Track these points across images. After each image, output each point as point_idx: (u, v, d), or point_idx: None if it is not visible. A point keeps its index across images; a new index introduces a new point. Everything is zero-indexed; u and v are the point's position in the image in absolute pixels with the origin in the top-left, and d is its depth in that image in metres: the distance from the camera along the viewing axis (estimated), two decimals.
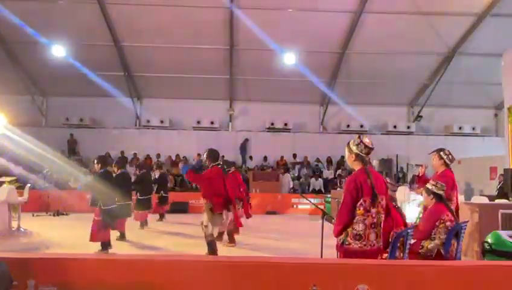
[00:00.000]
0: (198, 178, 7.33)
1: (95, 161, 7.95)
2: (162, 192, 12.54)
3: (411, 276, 3.28)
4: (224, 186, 7.16)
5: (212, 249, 6.95)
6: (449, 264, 3.78)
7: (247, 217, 9.68)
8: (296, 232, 10.87)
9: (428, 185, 5.15)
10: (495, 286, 3.26)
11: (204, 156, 7.42)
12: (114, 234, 8.89)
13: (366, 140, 3.84)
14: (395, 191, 5.10)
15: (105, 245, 7.60)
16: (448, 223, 4.87)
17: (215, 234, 7.26)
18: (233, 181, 8.91)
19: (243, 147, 18.91)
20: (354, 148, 3.83)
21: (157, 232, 10.61)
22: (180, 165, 8.23)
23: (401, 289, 3.22)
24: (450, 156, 6.06)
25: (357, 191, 3.66)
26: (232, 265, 3.41)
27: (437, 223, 4.87)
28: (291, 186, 17.56)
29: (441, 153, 6.08)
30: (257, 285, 3.21)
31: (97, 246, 7.54)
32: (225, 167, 8.70)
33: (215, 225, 7.02)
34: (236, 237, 9.47)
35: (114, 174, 9.39)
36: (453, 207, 5.69)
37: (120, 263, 3.41)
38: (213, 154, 7.35)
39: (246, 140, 18.96)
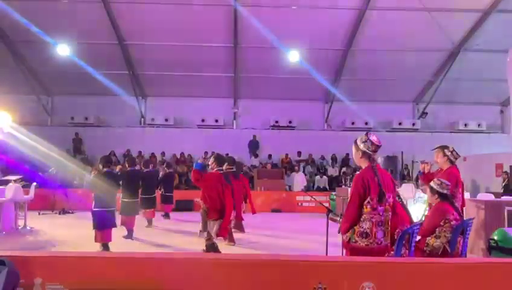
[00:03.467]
0: (199, 179, 6.90)
1: (99, 161, 7.97)
2: (164, 191, 12.61)
3: (417, 273, 3.28)
4: (221, 195, 6.84)
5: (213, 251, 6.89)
6: (455, 262, 3.77)
7: (253, 213, 10.14)
8: (301, 230, 10.87)
9: (433, 184, 5.10)
10: (501, 282, 3.24)
11: (211, 160, 7.35)
12: (120, 232, 8.95)
13: (374, 138, 3.82)
14: (399, 186, 5.08)
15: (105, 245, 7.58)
16: (453, 222, 4.85)
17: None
18: (240, 187, 9.03)
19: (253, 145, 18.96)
20: (361, 145, 3.82)
21: (163, 230, 10.64)
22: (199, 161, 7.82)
23: (406, 287, 3.21)
24: (454, 152, 6.03)
25: (365, 189, 3.66)
26: (237, 263, 3.41)
27: (442, 223, 4.85)
28: (306, 184, 17.40)
29: (445, 150, 6.05)
30: (262, 283, 3.22)
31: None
32: (233, 172, 8.54)
33: (209, 229, 6.88)
34: (241, 235, 9.52)
35: (123, 172, 9.46)
36: (458, 204, 5.67)
37: (127, 261, 3.42)
38: (219, 159, 7.29)
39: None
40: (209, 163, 7.40)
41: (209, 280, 3.24)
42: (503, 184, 12.85)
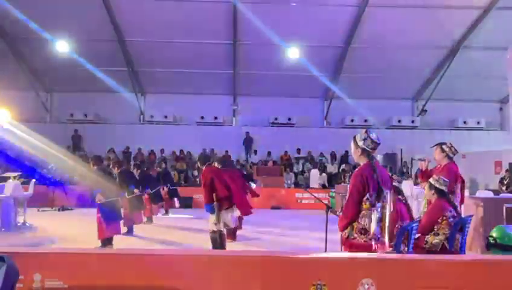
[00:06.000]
0: (208, 185, 6.95)
1: (91, 161, 7.95)
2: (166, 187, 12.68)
3: (416, 270, 3.28)
4: (224, 182, 6.99)
5: (216, 245, 6.97)
6: (454, 258, 3.77)
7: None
8: (300, 227, 10.88)
9: (431, 180, 5.12)
10: (499, 279, 3.25)
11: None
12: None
13: (373, 135, 3.82)
14: (400, 183, 5.10)
15: (106, 242, 7.56)
16: (450, 219, 4.86)
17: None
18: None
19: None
20: (360, 143, 3.81)
21: (162, 227, 10.66)
22: None
23: (405, 283, 3.22)
24: (452, 149, 6.04)
25: (363, 185, 3.66)
26: (237, 259, 3.42)
27: (439, 220, 4.86)
28: (320, 181, 17.32)
29: (443, 146, 6.06)
30: (262, 279, 3.22)
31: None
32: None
33: (226, 221, 7.01)
34: (241, 232, 9.52)
35: (117, 171, 9.46)
36: (457, 200, 5.67)
37: (126, 257, 3.42)
38: (202, 158, 7.44)
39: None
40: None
41: (208, 277, 3.24)
42: (506, 182, 12.74)
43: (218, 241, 6.96)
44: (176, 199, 13.65)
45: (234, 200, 7.08)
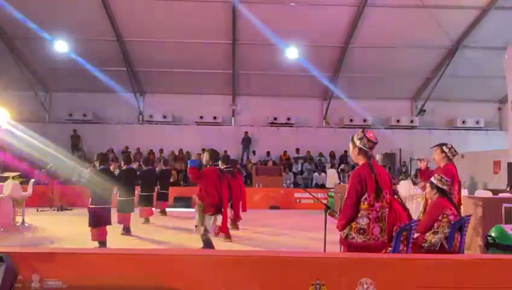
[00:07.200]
0: (198, 175, 7.05)
1: (95, 158, 7.93)
2: (159, 188, 12.48)
3: (414, 269, 3.29)
4: (219, 189, 6.99)
5: (208, 246, 6.98)
6: (452, 258, 3.78)
7: (243, 211, 10.14)
8: (299, 227, 10.88)
9: (433, 179, 5.15)
10: (498, 279, 3.25)
11: (205, 155, 7.41)
12: (118, 229, 8.98)
13: (370, 134, 3.84)
14: (395, 184, 5.12)
15: (103, 242, 7.52)
16: (451, 217, 4.88)
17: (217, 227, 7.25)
18: (235, 182, 9.22)
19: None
20: (357, 142, 3.83)
21: (161, 227, 10.64)
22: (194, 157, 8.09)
23: (404, 283, 3.22)
24: (452, 150, 6.05)
25: (362, 185, 3.66)
26: (236, 259, 3.42)
27: (440, 218, 4.88)
28: (338, 181, 17.22)
29: (443, 147, 6.08)
30: (261, 279, 3.22)
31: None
32: (230, 171, 8.37)
33: (206, 224, 6.99)
34: (240, 232, 9.55)
35: (120, 170, 9.44)
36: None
37: (125, 257, 3.42)
38: (213, 154, 7.33)
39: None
40: (204, 158, 7.47)
41: (207, 277, 3.24)
42: None
43: (210, 242, 6.99)
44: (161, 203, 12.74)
45: (223, 210, 7.08)
